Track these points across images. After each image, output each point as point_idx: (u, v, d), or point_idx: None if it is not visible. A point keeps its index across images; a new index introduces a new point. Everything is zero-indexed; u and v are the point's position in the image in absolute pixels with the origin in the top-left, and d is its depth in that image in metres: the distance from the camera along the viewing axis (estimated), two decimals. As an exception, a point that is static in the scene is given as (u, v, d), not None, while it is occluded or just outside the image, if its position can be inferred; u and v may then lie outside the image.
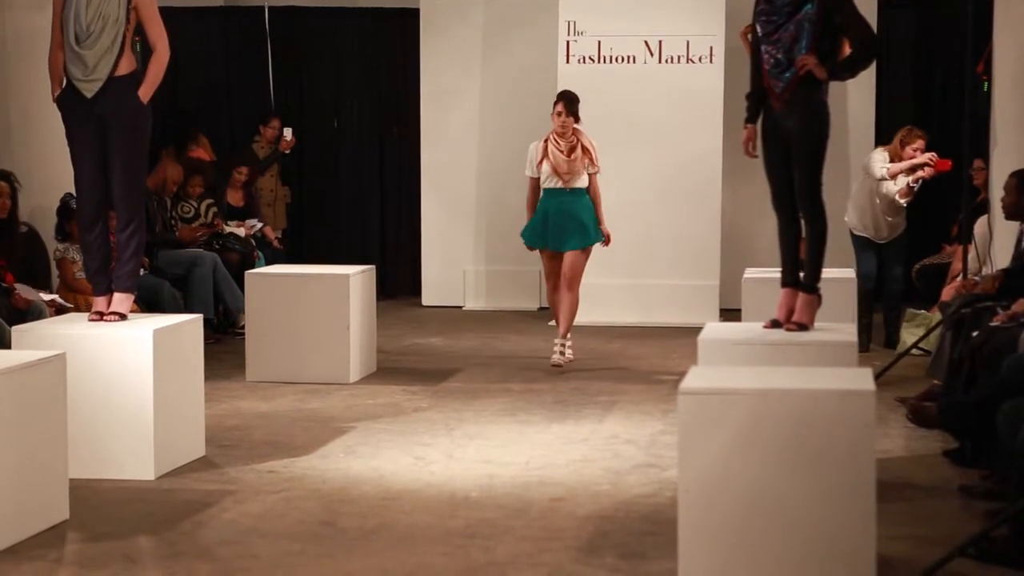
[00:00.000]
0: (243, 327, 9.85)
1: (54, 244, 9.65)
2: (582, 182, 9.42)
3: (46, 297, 8.43)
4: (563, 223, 9.35)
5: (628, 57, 11.78)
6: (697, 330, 6.68)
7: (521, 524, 5.80)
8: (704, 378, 5.22)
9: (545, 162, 9.40)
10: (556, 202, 9.38)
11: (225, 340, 10.61)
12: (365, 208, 13.54)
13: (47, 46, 6.83)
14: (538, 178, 9.47)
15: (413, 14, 12.77)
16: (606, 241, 9.54)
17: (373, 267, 9.80)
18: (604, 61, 11.82)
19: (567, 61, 11.83)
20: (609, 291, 11.67)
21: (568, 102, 9.46)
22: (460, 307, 12.66)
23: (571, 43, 11.82)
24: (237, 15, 13.64)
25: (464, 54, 12.58)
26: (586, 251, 9.45)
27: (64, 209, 9.39)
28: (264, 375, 9.02)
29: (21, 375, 5.59)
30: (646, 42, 11.77)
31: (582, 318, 11.58)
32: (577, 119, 9.45)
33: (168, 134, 12.18)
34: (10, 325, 7.33)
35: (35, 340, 6.53)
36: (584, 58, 11.81)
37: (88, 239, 6.94)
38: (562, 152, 9.37)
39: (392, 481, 6.51)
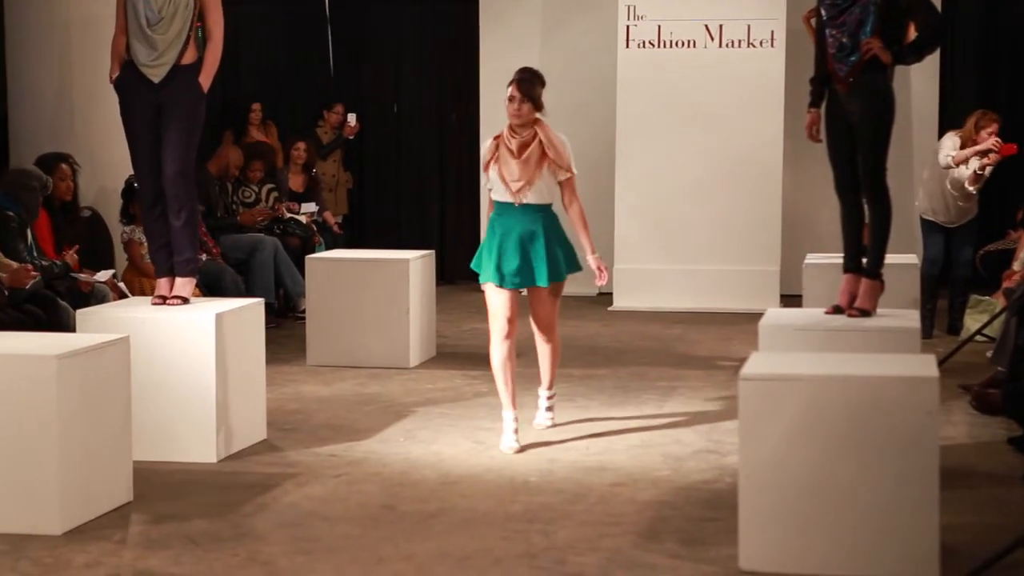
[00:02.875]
0: (303, 311, 9.91)
1: (119, 227, 9.72)
2: (542, 195, 6.78)
3: (102, 277, 8.49)
4: (519, 251, 6.77)
5: (688, 42, 11.71)
6: (757, 316, 6.65)
7: (581, 509, 5.80)
8: (765, 364, 5.19)
9: (492, 166, 6.83)
10: (506, 222, 6.80)
11: (286, 324, 10.67)
12: (425, 193, 13.57)
13: (111, 31, 6.88)
14: (491, 189, 6.92)
15: (473, -1, 12.78)
16: (599, 275, 6.87)
17: (433, 252, 9.82)
18: (664, 46, 11.76)
19: (627, 46, 11.78)
20: (668, 276, 11.64)
21: (523, 82, 6.77)
22: (519, 292, 12.63)
23: (631, 28, 11.77)
24: (298, 1, 13.68)
25: (523, 39, 12.56)
26: (556, 288, 6.92)
27: (129, 191, 9.45)
28: (324, 359, 9.06)
29: (86, 358, 5.65)
30: (706, 26, 11.70)
31: (641, 302, 11.60)
32: (538, 106, 6.78)
33: (229, 119, 12.28)
34: (74, 309, 7.41)
35: (99, 324, 6.60)
36: (644, 43, 11.76)
37: (149, 221, 7.00)
38: (510, 151, 6.75)
39: (452, 465, 6.53)
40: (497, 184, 6.81)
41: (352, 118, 12.48)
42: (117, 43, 6.82)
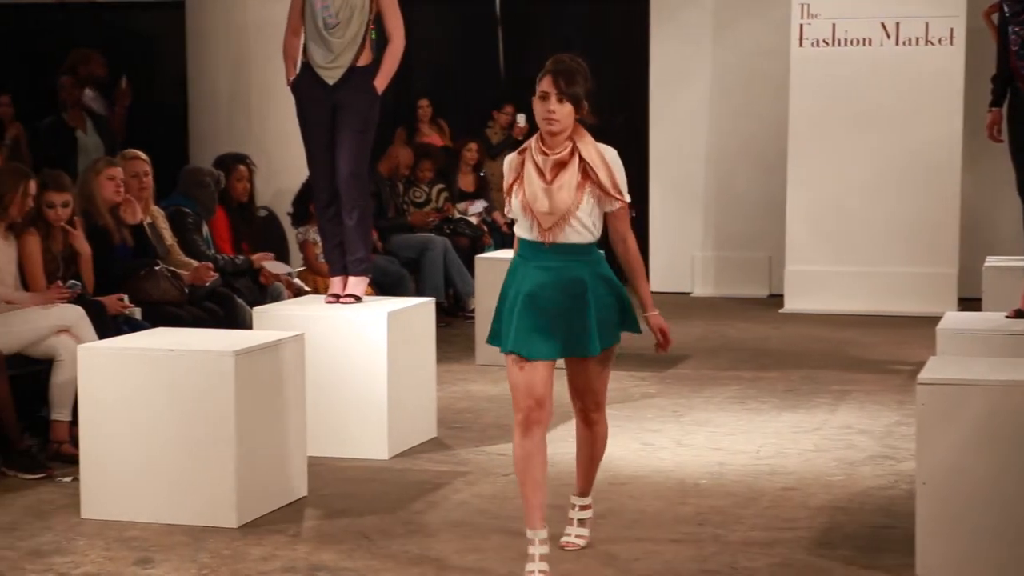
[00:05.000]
0: (473, 311, 9.97)
1: (292, 228, 9.90)
2: (584, 232, 4.89)
3: (282, 269, 8.68)
4: (557, 310, 4.91)
5: (864, 40, 11.49)
6: (933, 319, 6.50)
7: (752, 513, 5.73)
8: (944, 368, 5.07)
9: (515, 190, 4.96)
10: (536, 270, 4.92)
11: (455, 323, 10.75)
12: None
13: (283, 32, 7.00)
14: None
15: (643, -4, 12.73)
16: (660, 343, 5.10)
17: (601, 252, 9.77)
18: (839, 44, 11.55)
19: (800, 44, 11.60)
20: (841, 278, 11.45)
21: (561, 73, 4.94)
22: (688, 293, 12.56)
23: (804, 26, 11.59)
24: (470, 2, 13.79)
25: (694, 37, 12.47)
26: (607, 356, 5.08)
27: (303, 192, 9.62)
28: (494, 358, 9.01)
29: (263, 355, 5.76)
30: (883, 24, 11.46)
31: (813, 304, 11.42)
32: (580, 109, 4.94)
33: (400, 119, 12.42)
34: (250, 306, 7.57)
35: (274, 321, 6.73)
36: (818, 41, 11.57)
37: (323, 221, 7.11)
38: (540, 173, 4.90)
39: (621, 466, 6.50)
40: (520, 216, 4.93)
41: (521, 119, 12.52)
42: (289, 45, 6.94)
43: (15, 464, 6.37)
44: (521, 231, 4.98)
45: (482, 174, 12.13)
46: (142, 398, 5.63)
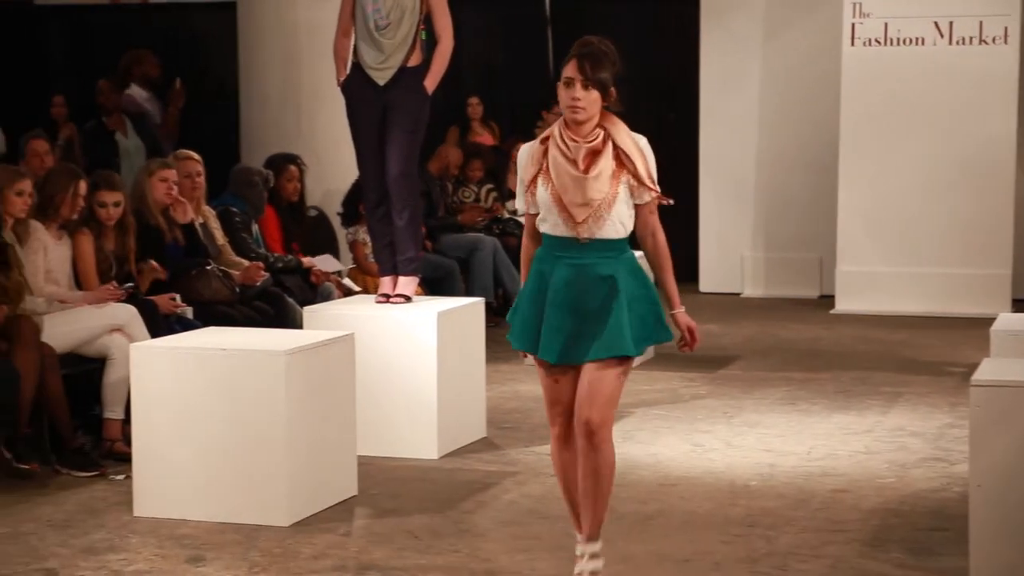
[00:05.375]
0: (522, 311, 9.95)
1: (342, 228, 9.93)
2: (617, 227, 4.65)
3: (332, 267, 8.73)
4: (586, 309, 4.63)
5: (916, 39, 11.39)
6: (987, 321, 6.44)
7: (803, 515, 5.70)
8: (998, 370, 5.01)
9: (540, 182, 4.66)
10: (565, 266, 4.63)
11: (504, 323, 10.71)
12: (642, 193, 13.50)
13: (333, 32, 7.02)
14: (535, 214, 4.74)
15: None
16: (684, 342, 4.79)
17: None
18: (891, 43, 11.47)
19: (852, 44, 11.52)
20: (893, 279, 11.36)
21: (587, 57, 4.65)
22: (738, 294, 12.51)
23: (856, 25, 11.51)
24: (518, 1, 13.78)
25: (745, 37, 12.41)
26: (624, 364, 4.67)
27: (353, 193, 9.64)
28: (543, 359, 9.07)
29: (313, 354, 5.78)
30: (935, 23, 11.37)
31: (865, 305, 11.34)
32: (608, 97, 4.69)
33: (450, 119, 12.44)
34: (300, 306, 7.60)
35: (325, 320, 6.75)
36: (870, 40, 11.49)
37: (373, 220, 7.12)
38: (572, 161, 4.62)
39: (670, 467, 6.48)
40: (549, 209, 4.61)
41: (570, 118, 12.50)
42: (340, 46, 6.96)
43: (69, 462, 6.42)
44: (546, 226, 4.64)
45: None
46: (194, 397, 5.67)
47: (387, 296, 7.01)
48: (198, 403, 5.66)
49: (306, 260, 8.64)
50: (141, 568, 5.10)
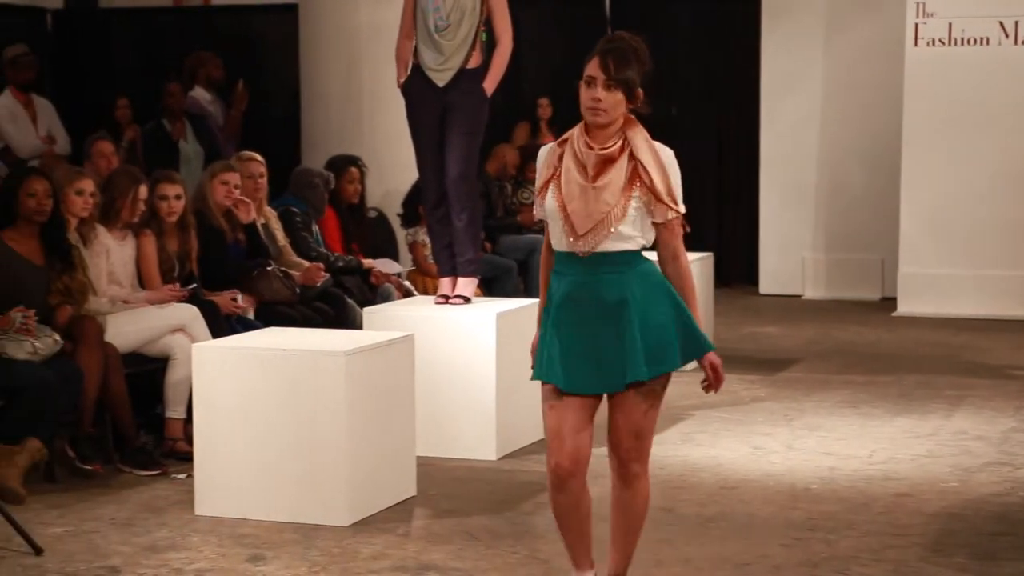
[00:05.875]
0: (581, 312, 9.93)
1: (402, 229, 9.96)
2: (627, 240, 4.18)
3: (392, 268, 8.77)
4: (591, 332, 4.19)
5: (981, 39, 11.28)
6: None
7: (864, 519, 5.65)
8: (1064, 374, 4.96)
9: (551, 188, 4.27)
10: (572, 285, 4.21)
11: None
12: (702, 194, 13.46)
13: (396, 36, 7.04)
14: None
15: (754, -1, 12.63)
16: (708, 381, 4.24)
17: (711, 254, 9.73)
18: (955, 43, 11.36)
19: (915, 44, 11.43)
20: (956, 281, 11.25)
21: (613, 54, 4.22)
22: (798, 296, 12.43)
23: (920, 25, 11.41)
24: (577, 3, 13.77)
25: (806, 38, 12.34)
26: (654, 389, 4.21)
27: (413, 194, 9.67)
28: (602, 360, 9.06)
29: (373, 355, 5.80)
30: (1000, 23, 11.25)
31: (927, 308, 11.23)
32: (633, 98, 4.23)
33: (512, 120, 12.45)
34: (360, 307, 7.63)
35: (384, 321, 6.77)
36: (933, 40, 11.39)
37: (432, 222, 7.14)
38: (582, 168, 4.21)
39: (730, 470, 6.45)
40: (554, 219, 4.22)
41: (631, 120, 12.48)
42: (403, 48, 6.97)
43: (131, 461, 6.48)
44: (554, 239, 4.24)
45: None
46: (254, 397, 5.70)
47: (446, 297, 7.02)
48: (259, 403, 5.70)
49: (366, 261, 8.67)
50: (202, 567, 5.13)
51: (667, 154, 4.24)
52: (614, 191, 4.15)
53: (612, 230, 4.14)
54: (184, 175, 8.85)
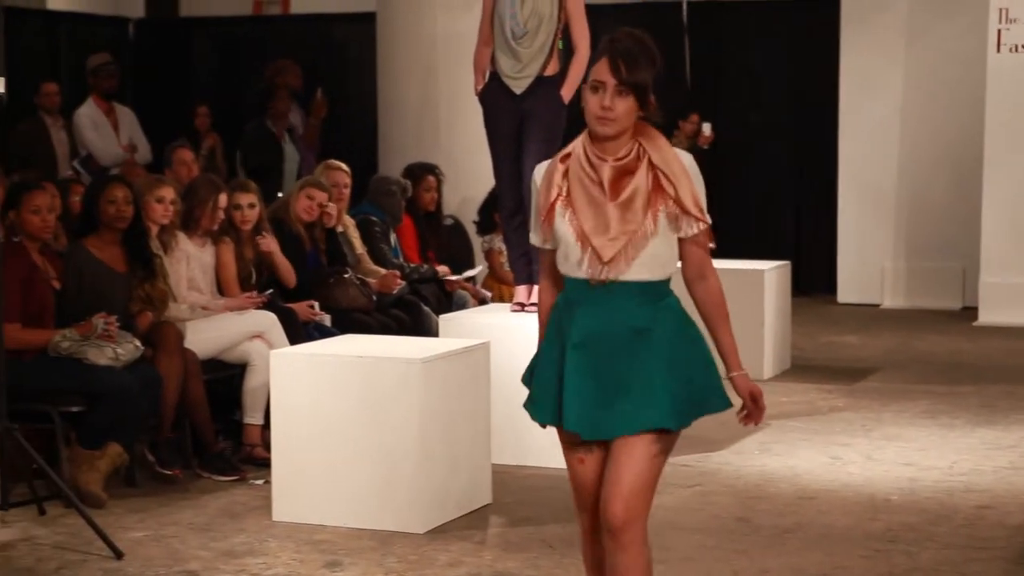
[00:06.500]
0: (657, 320, 9.89)
1: (478, 236, 9.98)
2: (655, 266, 3.70)
3: (473, 273, 8.82)
4: (607, 370, 3.69)
5: (1066, 44, 11.13)
6: None
7: (945, 531, 5.57)
8: None
9: (559, 210, 3.73)
10: (587, 317, 3.71)
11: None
12: (780, 202, 13.38)
13: (474, 45, 7.06)
14: (553, 250, 3.80)
15: (832, 4, 12.51)
16: (749, 411, 3.77)
17: (788, 263, 9.66)
18: (1039, 49, 11.21)
19: (998, 50, 11.27)
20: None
21: (622, 56, 3.73)
22: (877, 305, 12.30)
23: (1003, 31, 11.26)
24: (655, 10, 13.74)
25: (887, 44, 12.21)
26: (663, 440, 3.70)
27: (489, 201, 9.68)
28: (678, 369, 9.01)
29: (448, 362, 5.81)
30: (1084, 28, 11.09)
31: (1010, 317, 11.07)
32: (645, 103, 3.72)
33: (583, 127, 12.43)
34: (436, 314, 7.65)
35: (460, 329, 6.78)
36: (1017, 47, 11.23)
37: (509, 230, 7.14)
38: (597, 184, 3.71)
39: (808, 480, 6.39)
40: (570, 245, 3.70)
41: (707, 128, 12.43)
42: (481, 56, 6.98)
43: (210, 466, 6.54)
44: (568, 266, 3.70)
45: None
46: (331, 403, 5.73)
47: (522, 305, 7.02)
48: (335, 409, 5.72)
49: (441, 269, 8.69)
50: (280, 572, 5.16)
51: (689, 159, 3.75)
52: (638, 206, 3.65)
53: (643, 251, 3.64)
54: (289, 176, 8.98)
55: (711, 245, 3.77)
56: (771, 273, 9.10)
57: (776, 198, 13.39)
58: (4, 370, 5.56)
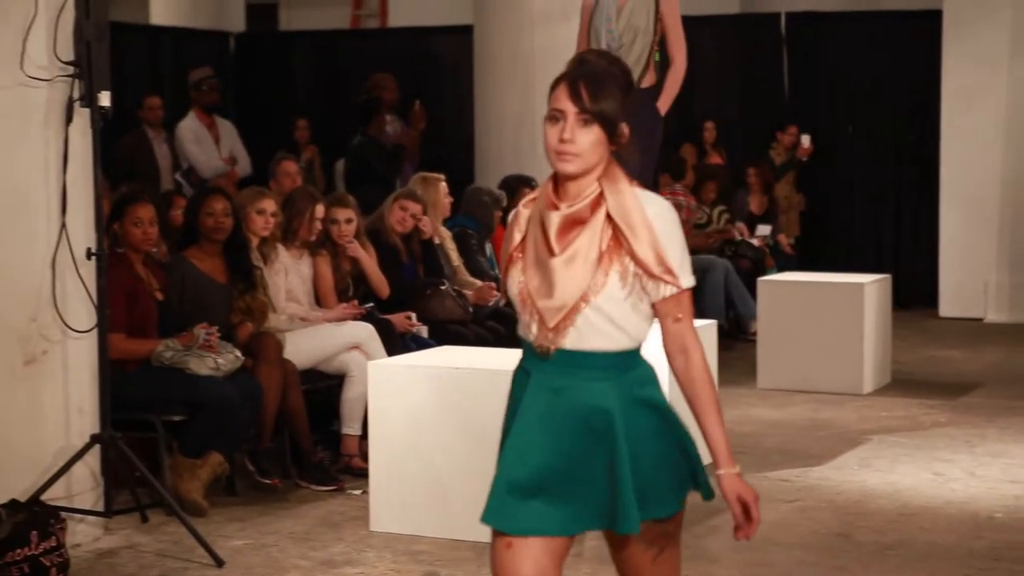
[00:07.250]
0: (754, 333, 9.84)
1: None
2: (606, 336, 3.16)
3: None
4: (563, 455, 3.21)
5: None
6: None
7: (1051, 550, 5.47)
8: None
9: (516, 261, 3.24)
10: (539, 390, 3.25)
11: (736, 346, 10.63)
12: (880, 214, 13.22)
13: (570, 57, 7.05)
14: None
15: (934, 15, 12.35)
16: (738, 522, 3.24)
17: (889, 276, 9.54)
18: None
19: (1104, 59, 11.08)
20: None
21: (586, 80, 3.16)
22: (980, 319, 12.11)
23: (1109, 39, 11.06)
24: (753, 22, 13.66)
25: (990, 54, 12.02)
26: (660, 534, 3.32)
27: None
28: (775, 382, 8.96)
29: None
30: None
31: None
32: (616, 134, 3.22)
33: (683, 140, 12.40)
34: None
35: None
36: (1124, 55, 11.02)
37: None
38: (544, 238, 3.18)
39: (910, 496, 6.30)
40: (516, 304, 3.25)
41: (806, 139, 12.33)
42: (579, 69, 6.98)
43: (308, 476, 6.59)
44: (520, 328, 3.24)
45: (773, 196, 12.07)
46: (429, 414, 5.75)
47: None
48: (433, 420, 5.74)
49: None
50: (377, 582, 5.19)
51: (657, 207, 3.17)
52: (585, 264, 3.10)
53: (588, 317, 3.10)
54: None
55: (682, 315, 3.18)
56: (871, 286, 8.99)
57: (877, 210, 13.23)
58: (108, 380, 5.65)
